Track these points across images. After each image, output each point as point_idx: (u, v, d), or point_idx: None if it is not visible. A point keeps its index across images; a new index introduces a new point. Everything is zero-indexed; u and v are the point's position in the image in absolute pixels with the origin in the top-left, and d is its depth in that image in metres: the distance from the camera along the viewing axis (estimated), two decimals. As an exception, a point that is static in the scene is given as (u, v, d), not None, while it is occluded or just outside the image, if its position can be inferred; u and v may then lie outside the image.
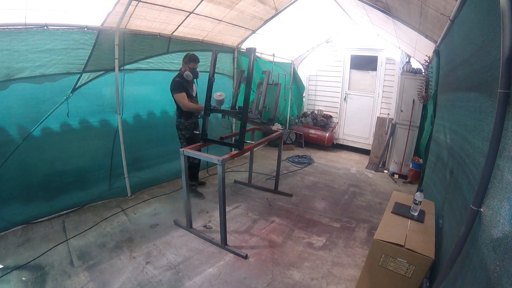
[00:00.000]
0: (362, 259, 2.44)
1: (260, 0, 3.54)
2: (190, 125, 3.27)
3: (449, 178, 1.96)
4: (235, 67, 4.72)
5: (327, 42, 6.03)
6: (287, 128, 6.49)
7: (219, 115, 3.46)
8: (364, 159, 5.62)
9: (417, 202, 1.92)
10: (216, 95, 2.79)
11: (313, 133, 6.12)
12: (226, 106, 4.57)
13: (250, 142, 2.75)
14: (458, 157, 1.76)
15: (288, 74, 6.15)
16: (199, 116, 3.22)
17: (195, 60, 3.10)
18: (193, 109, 3.13)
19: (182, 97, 3.03)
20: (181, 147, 2.87)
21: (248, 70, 2.42)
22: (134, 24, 3.03)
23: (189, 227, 2.77)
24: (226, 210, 2.60)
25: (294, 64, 6.34)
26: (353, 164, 5.36)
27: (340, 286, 2.15)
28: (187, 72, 3.04)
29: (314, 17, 4.66)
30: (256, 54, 5.13)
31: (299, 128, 6.29)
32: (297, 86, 6.53)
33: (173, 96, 3.06)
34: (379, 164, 5.02)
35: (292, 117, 6.53)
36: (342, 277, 2.24)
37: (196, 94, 3.40)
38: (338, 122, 6.26)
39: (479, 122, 1.38)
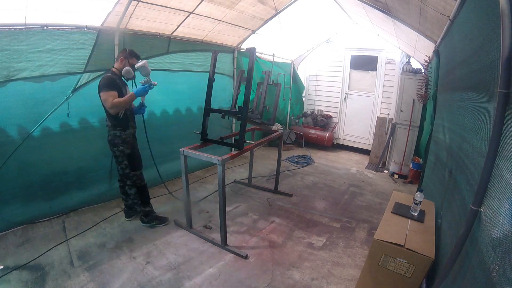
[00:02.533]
0: (362, 259, 2.44)
1: (260, 0, 3.54)
2: (129, 136, 2.62)
3: (447, 178, 1.96)
4: (235, 67, 4.72)
5: (327, 42, 6.03)
6: (287, 128, 6.49)
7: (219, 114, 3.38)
8: (364, 159, 5.61)
9: (417, 202, 1.92)
10: (138, 62, 2.49)
11: (313, 133, 6.12)
12: (226, 106, 4.59)
13: (250, 142, 2.75)
14: (457, 157, 1.76)
15: (288, 74, 6.15)
16: (134, 110, 2.71)
17: (138, 56, 2.61)
18: (123, 103, 2.44)
19: (111, 95, 2.38)
20: (120, 167, 2.61)
21: (248, 70, 2.42)
22: (134, 24, 3.03)
23: (189, 227, 2.77)
24: (226, 210, 2.61)
25: (294, 64, 6.34)
26: (353, 164, 5.36)
27: (340, 286, 2.15)
28: (128, 68, 2.50)
29: (314, 17, 4.66)
30: (256, 54, 5.13)
31: (299, 128, 6.29)
32: (297, 86, 6.54)
33: (99, 96, 2.41)
34: (379, 164, 5.02)
35: (292, 117, 6.53)
36: (342, 277, 2.24)
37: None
38: (338, 122, 6.26)
39: (478, 122, 1.38)
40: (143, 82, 2.54)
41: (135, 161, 2.72)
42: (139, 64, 2.48)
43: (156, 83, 2.58)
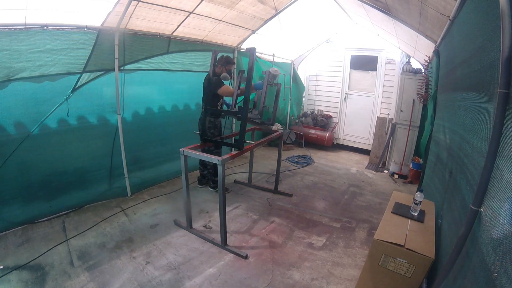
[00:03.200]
0: (362, 259, 2.44)
1: (260, 0, 3.54)
2: (219, 123, 3.37)
3: (448, 178, 1.96)
4: (235, 67, 4.72)
5: (327, 42, 6.03)
6: (287, 128, 6.49)
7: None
8: (364, 159, 5.61)
9: (417, 202, 1.92)
10: (273, 69, 2.84)
11: (313, 133, 6.12)
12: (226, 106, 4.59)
13: (250, 142, 2.75)
14: (457, 157, 1.76)
15: (288, 74, 6.15)
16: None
17: (232, 62, 3.30)
18: (232, 92, 3.01)
19: (226, 87, 3.11)
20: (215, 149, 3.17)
21: (248, 70, 2.42)
22: (134, 24, 3.03)
23: (189, 227, 2.77)
24: (226, 210, 2.61)
25: (294, 64, 6.34)
26: (353, 164, 5.36)
27: (340, 286, 2.15)
28: (225, 74, 3.06)
29: (314, 17, 4.66)
30: (256, 54, 5.14)
31: (299, 128, 6.29)
32: (297, 86, 6.53)
33: (216, 92, 3.06)
34: (379, 164, 5.02)
35: (292, 117, 6.53)
36: (342, 277, 2.24)
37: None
38: (338, 122, 6.26)
39: (478, 122, 1.38)
40: (260, 82, 2.95)
41: (218, 148, 3.40)
42: (275, 73, 2.84)
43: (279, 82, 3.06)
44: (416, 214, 1.94)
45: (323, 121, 6.08)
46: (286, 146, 6.03)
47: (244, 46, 4.75)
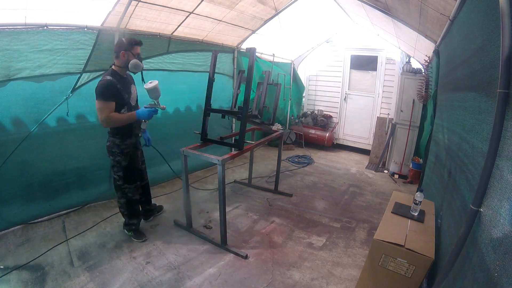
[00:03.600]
0: (362, 259, 2.44)
1: (260, 0, 3.54)
2: (128, 147, 2.34)
3: (447, 178, 1.96)
4: (235, 67, 4.72)
5: (327, 42, 6.03)
6: (287, 128, 6.50)
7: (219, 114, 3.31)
8: (364, 159, 5.61)
9: (417, 202, 1.92)
10: (148, 83, 2.18)
11: (313, 133, 6.12)
12: (226, 106, 4.59)
13: (250, 142, 2.75)
14: (456, 157, 1.76)
15: (288, 74, 6.15)
16: (140, 135, 2.46)
17: (139, 42, 2.23)
18: (119, 121, 2.16)
19: (107, 107, 2.06)
20: (114, 176, 2.37)
21: (248, 70, 2.41)
22: (134, 24, 3.03)
23: (189, 227, 2.77)
24: (226, 210, 2.60)
25: (294, 64, 6.34)
26: (353, 164, 5.36)
27: (340, 286, 2.15)
28: (134, 61, 2.14)
29: (314, 17, 4.66)
30: (256, 54, 5.14)
31: (299, 128, 6.29)
32: (297, 86, 6.53)
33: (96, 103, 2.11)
34: (379, 164, 5.02)
35: (292, 117, 6.53)
36: (342, 277, 2.24)
37: (137, 101, 2.44)
38: (338, 122, 6.26)
39: (478, 122, 1.38)
40: (148, 105, 2.23)
41: (133, 173, 2.44)
42: (150, 85, 2.17)
43: (164, 107, 2.30)
44: (416, 214, 1.94)
45: (323, 121, 6.08)
46: (286, 146, 6.03)
47: (244, 46, 4.75)
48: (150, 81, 2.22)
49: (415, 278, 1.61)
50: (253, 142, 2.79)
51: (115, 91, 2.12)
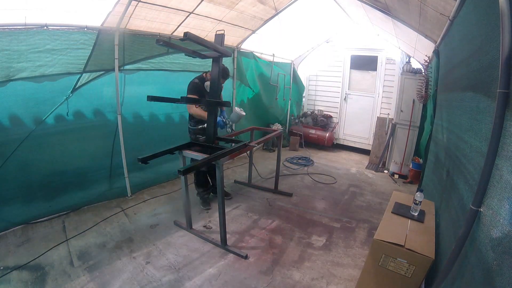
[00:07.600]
0: (362, 259, 2.44)
1: (260, 0, 3.54)
2: (201, 130, 3.10)
3: (445, 178, 1.97)
4: (235, 67, 4.72)
5: (327, 42, 6.03)
6: (287, 128, 6.50)
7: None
8: (364, 159, 5.61)
9: (417, 202, 1.92)
10: (237, 109, 2.87)
11: (313, 133, 6.11)
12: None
13: (251, 143, 2.75)
14: (454, 157, 1.77)
15: (288, 74, 6.15)
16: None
17: (226, 75, 2.98)
18: (197, 115, 2.96)
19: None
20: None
21: (212, 81, 2.61)
22: (134, 24, 3.03)
23: (189, 227, 2.77)
24: (226, 210, 2.61)
25: (294, 64, 6.34)
26: (353, 164, 5.35)
27: (340, 286, 2.15)
28: (208, 83, 2.83)
29: (314, 17, 4.66)
30: (256, 54, 5.16)
31: (299, 128, 6.29)
32: (297, 86, 6.53)
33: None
34: (379, 164, 5.02)
35: (292, 117, 6.53)
36: (342, 277, 2.24)
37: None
38: (338, 122, 6.26)
39: (477, 122, 1.38)
40: (225, 120, 2.98)
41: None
42: (234, 113, 2.90)
43: (233, 127, 3.08)
44: (416, 214, 1.94)
45: (323, 121, 6.08)
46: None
47: (244, 46, 4.75)
48: (237, 109, 2.97)
49: (415, 278, 1.61)
50: (253, 144, 2.78)
51: (198, 90, 2.99)
